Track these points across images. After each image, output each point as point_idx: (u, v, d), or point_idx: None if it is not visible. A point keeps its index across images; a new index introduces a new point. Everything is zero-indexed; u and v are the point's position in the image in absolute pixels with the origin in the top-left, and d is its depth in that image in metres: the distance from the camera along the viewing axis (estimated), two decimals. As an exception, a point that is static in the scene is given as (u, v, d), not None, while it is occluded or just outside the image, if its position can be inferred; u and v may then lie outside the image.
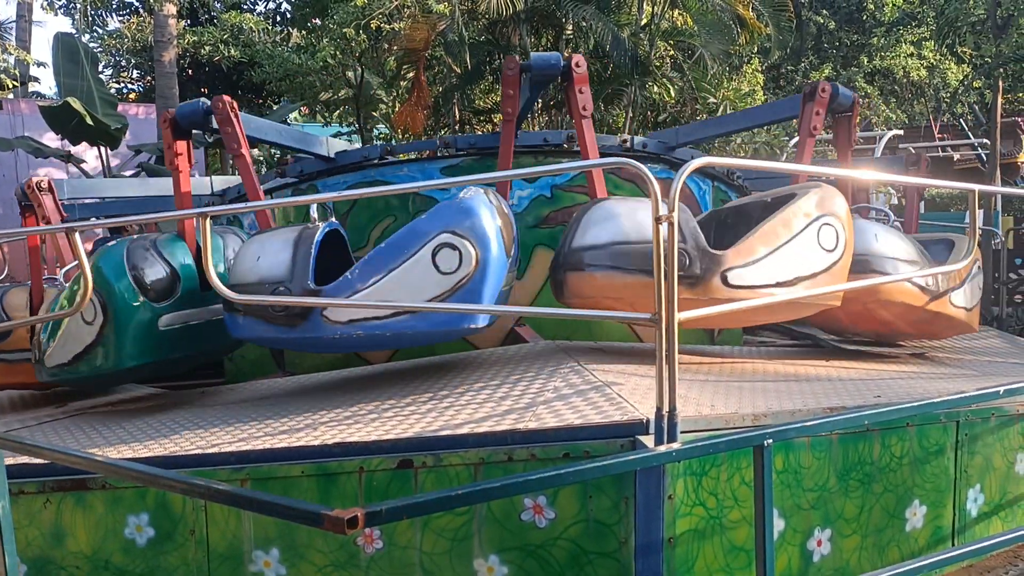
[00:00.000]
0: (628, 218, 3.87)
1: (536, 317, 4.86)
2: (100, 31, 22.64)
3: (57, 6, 19.40)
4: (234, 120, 4.68)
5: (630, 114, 12.84)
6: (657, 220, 2.80)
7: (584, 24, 12.04)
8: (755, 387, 3.79)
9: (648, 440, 2.89)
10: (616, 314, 3.97)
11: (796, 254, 3.91)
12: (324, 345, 4.07)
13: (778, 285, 3.85)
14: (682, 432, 2.86)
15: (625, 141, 5.49)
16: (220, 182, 6.95)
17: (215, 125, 4.78)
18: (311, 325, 3.74)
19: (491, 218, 3.67)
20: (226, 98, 4.70)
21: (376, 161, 5.39)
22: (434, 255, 3.59)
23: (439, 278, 3.58)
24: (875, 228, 4.58)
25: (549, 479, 2.56)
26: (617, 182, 5.21)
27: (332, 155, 5.52)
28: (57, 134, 13.51)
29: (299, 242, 3.83)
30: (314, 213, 3.99)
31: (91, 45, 18.53)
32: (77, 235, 3.93)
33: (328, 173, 5.48)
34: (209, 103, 4.72)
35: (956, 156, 19.40)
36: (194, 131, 4.93)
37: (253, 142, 5.03)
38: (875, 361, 4.77)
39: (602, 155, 4.90)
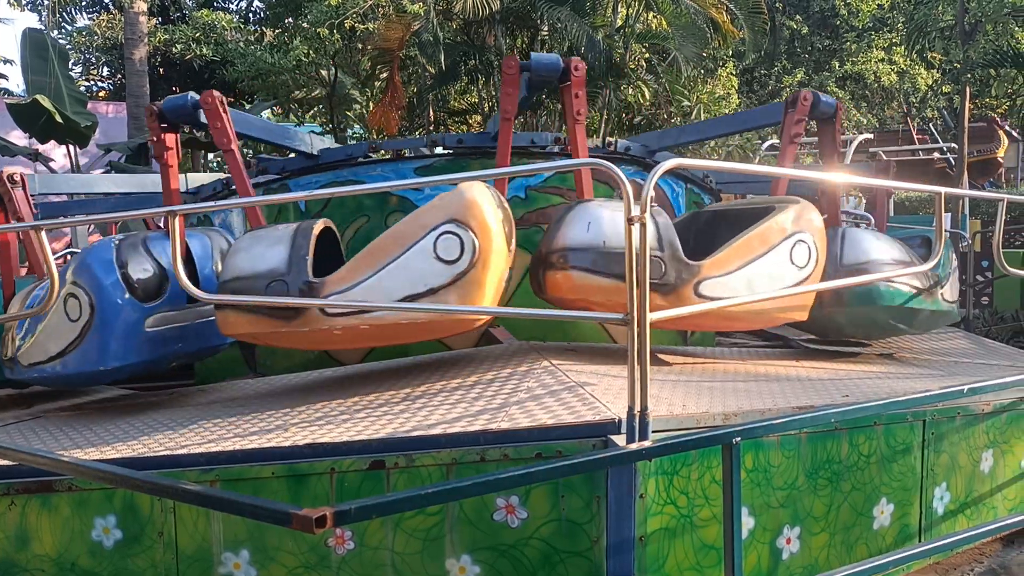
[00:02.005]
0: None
1: (510, 318, 4.86)
2: (69, 28, 22.35)
3: (24, 2, 19.13)
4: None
5: (605, 116, 12.90)
6: (630, 221, 2.83)
7: (559, 26, 12.07)
8: (726, 387, 3.82)
9: (620, 439, 2.91)
10: (589, 314, 3.98)
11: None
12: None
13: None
14: (653, 431, 2.88)
15: (610, 144, 5.52)
16: (193, 180, 6.88)
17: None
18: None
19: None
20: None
21: (360, 159, 5.36)
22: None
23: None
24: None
25: (521, 477, 2.56)
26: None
27: (315, 152, 5.47)
28: (25, 132, 13.34)
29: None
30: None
31: (60, 42, 18.28)
32: (44, 234, 3.87)
33: (302, 172, 5.44)
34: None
35: (934, 155, 19.66)
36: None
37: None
38: (844, 361, 4.82)
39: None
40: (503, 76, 4.72)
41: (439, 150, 5.47)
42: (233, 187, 5.67)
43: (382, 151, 5.39)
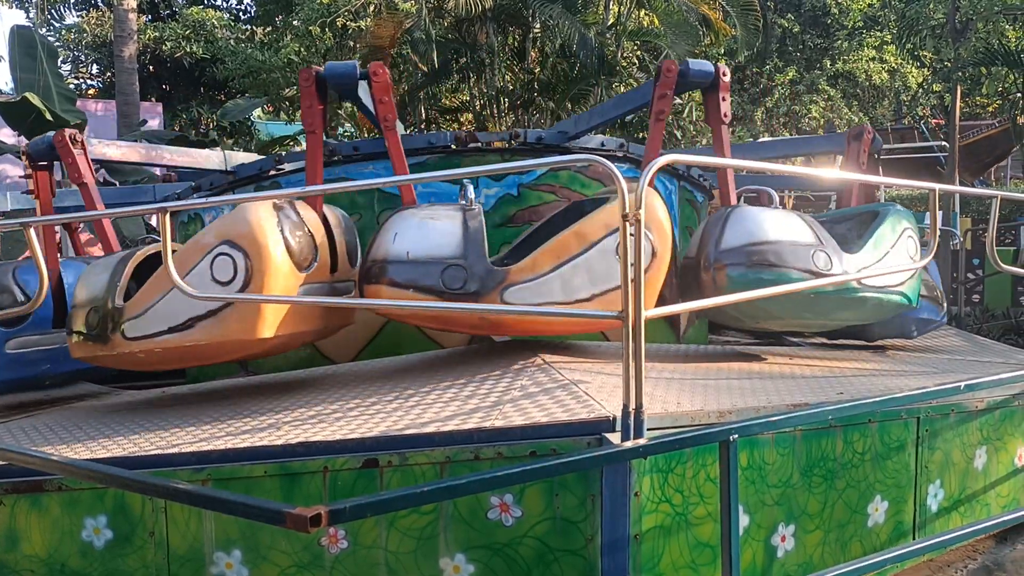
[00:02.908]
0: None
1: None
2: (57, 25, 22.23)
3: (10, -1, 19.03)
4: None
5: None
6: (624, 218, 2.82)
7: (551, 23, 12.06)
8: (720, 385, 3.81)
9: (615, 437, 2.89)
10: (582, 312, 3.96)
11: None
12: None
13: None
14: (648, 429, 2.86)
15: (622, 145, 5.50)
16: (233, 159, 6.76)
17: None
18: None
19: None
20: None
21: (272, 172, 5.31)
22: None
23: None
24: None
25: (516, 475, 2.55)
26: (584, 181, 5.22)
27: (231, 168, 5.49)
28: (14, 130, 13.24)
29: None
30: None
31: (49, 39, 18.18)
32: (33, 231, 3.84)
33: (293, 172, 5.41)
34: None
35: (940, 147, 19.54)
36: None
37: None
38: (838, 359, 4.82)
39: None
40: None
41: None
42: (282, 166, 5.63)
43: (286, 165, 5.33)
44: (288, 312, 3.81)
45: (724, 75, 4.49)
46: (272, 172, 5.32)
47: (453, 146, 5.19)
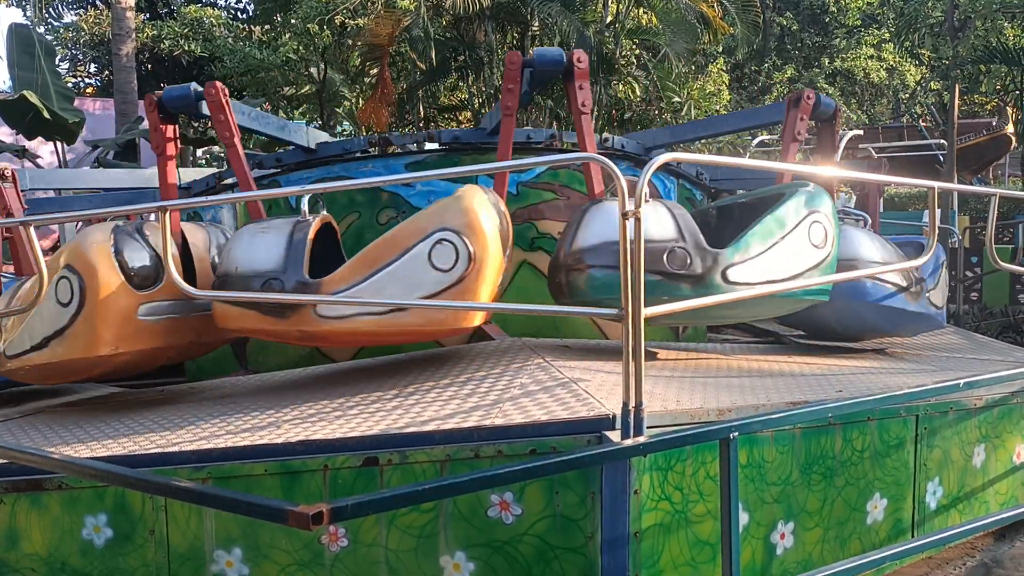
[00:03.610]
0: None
1: (502, 314, 4.85)
2: (55, 24, 22.20)
3: (8, -3, 18.99)
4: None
5: (596, 112, 12.89)
6: (624, 216, 2.82)
7: (550, 21, 12.06)
8: (719, 383, 3.82)
9: (614, 435, 2.90)
10: (582, 310, 3.97)
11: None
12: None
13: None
14: (648, 427, 2.87)
15: (607, 140, 5.50)
16: (185, 176, 6.81)
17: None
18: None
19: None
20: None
21: (359, 154, 5.33)
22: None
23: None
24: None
25: (516, 473, 2.55)
26: (583, 179, 5.22)
27: (313, 146, 5.42)
28: (12, 128, 13.23)
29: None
30: (305, 207, 3.88)
31: (47, 37, 18.16)
32: (32, 230, 3.84)
33: (295, 168, 5.41)
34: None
35: (933, 145, 19.55)
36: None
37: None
38: (836, 357, 4.83)
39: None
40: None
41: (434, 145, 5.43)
42: (224, 182, 5.64)
43: (378, 146, 5.36)
44: (131, 330, 3.90)
45: (579, 62, 4.53)
46: (359, 154, 5.35)
47: (372, 150, 5.31)
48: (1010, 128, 17.91)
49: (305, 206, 3.88)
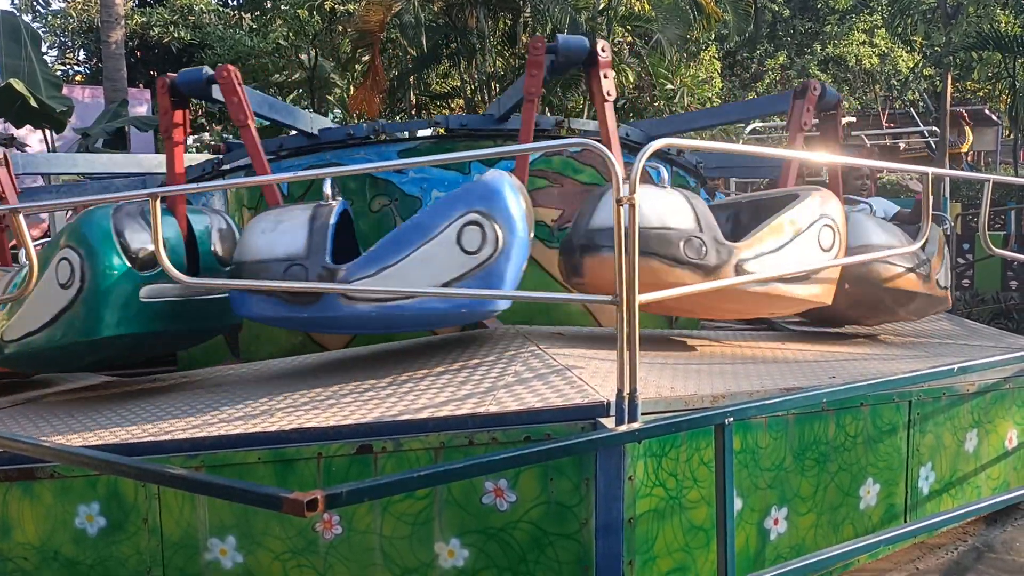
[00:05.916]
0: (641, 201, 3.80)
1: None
2: (43, 11, 21.99)
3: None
4: (239, 90, 4.48)
5: (586, 100, 12.85)
6: (618, 202, 2.81)
7: (542, 7, 11.99)
8: (713, 369, 3.82)
9: (609, 422, 2.90)
10: (577, 296, 3.96)
11: (799, 251, 3.95)
12: (339, 325, 3.98)
13: (782, 280, 3.93)
14: (643, 413, 2.87)
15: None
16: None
17: (216, 95, 4.58)
18: (325, 305, 3.65)
19: (516, 199, 3.61)
20: (230, 67, 4.50)
21: (363, 139, 5.28)
22: (459, 234, 3.50)
23: (463, 258, 3.50)
24: (871, 222, 4.70)
25: (510, 460, 2.55)
26: (577, 166, 5.20)
27: (315, 131, 5.37)
28: (-1, 117, 13.11)
29: (315, 219, 3.75)
30: (328, 190, 3.84)
31: (34, 25, 17.99)
32: (22, 217, 3.80)
33: (291, 155, 5.36)
34: (212, 71, 4.51)
35: (902, 145, 19.77)
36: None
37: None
38: (830, 343, 4.84)
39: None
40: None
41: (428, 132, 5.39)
42: (219, 169, 5.60)
43: (384, 133, 5.30)
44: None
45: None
46: (364, 139, 5.28)
47: (380, 136, 5.23)
48: (964, 148, 18.14)
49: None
